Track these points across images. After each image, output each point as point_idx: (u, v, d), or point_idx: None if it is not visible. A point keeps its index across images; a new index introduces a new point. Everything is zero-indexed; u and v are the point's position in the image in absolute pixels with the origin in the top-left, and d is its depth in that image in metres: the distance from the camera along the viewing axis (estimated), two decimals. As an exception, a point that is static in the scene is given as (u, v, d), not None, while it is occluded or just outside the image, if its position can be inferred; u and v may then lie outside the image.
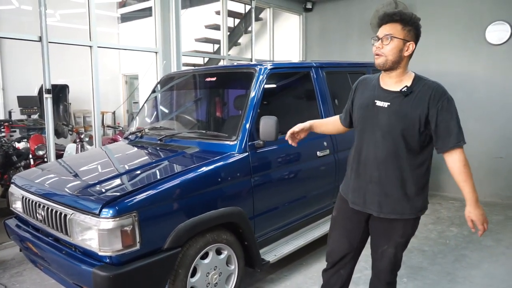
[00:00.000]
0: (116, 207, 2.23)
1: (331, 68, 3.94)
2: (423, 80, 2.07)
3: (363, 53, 6.58)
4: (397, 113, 2.03)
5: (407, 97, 2.03)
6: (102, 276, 2.17)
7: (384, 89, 2.12)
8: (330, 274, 2.46)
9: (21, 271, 3.59)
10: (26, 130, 6.64)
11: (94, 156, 3.55)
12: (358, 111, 2.22)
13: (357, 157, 2.21)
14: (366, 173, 2.15)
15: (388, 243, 2.18)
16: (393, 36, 2.01)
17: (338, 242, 2.37)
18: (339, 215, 2.38)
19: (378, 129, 2.09)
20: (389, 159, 2.07)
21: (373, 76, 2.27)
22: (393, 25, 2.03)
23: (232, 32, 7.93)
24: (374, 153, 2.11)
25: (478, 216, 2.01)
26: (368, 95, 2.18)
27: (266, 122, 2.85)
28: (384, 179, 2.10)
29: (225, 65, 5.90)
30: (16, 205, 3.01)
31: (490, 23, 5.37)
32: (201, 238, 2.63)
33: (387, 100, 2.08)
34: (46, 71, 4.12)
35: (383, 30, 2.06)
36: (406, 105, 2.02)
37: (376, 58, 2.08)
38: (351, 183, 2.25)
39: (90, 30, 4.58)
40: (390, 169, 2.08)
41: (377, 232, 2.22)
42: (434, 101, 1.99)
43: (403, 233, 2.15)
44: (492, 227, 4.52)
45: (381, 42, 2.05)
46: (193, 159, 2.93)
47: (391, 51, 2.02)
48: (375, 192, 2.13)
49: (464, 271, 3.48)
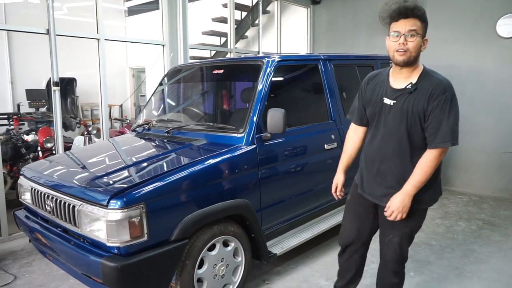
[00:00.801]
0: (124, 198, 2.24)
1: (339, 61, 3.91)
2: (429, 76, 2.06)
3: (372, 46, 6.52)
4: (401, 111, 2.07)
5: (411, 94, 2.05)
6: (110, 266, 2.19)
7: (391, 87, 2.14)
8: (345, 258, 2.53)
9: (31, 261, 3.63)
10: (35, 123, 6.70)
11: (101, 148, 3.57)
12: (369, 107, 2.26)
13: (368, 151, 2.28)
14: (373, 166, 2.23)
15: (394, 232, 2.23)
16: (418, 32, 1.99)
17: (350, 225, 2.46)
18: (352, 199, 2.47)
19: (383, 126, 2.15)
20: (394, 155, 2.13)
21: (381, 71, 2.28)
22: (415, 21, 2.00)
23: (239, 25, 7.89)
24: (381, 148, 2.18)
25: (398, 204, 2.05)
26: (377, 91, 2.20)
27: (273, 114, 2.84)
28: (389, 173, 2.16)
29: (232, 58, 5.88)
30: (25, 197, 3.03)
31: (501, 16, 5.29)
32: (208, 230, 2.63)
33: (393, 98, 2.11)
34: (53, 64, 4.14)
35: (405, 25, 1.99)
36: (409, 103, 2.05)
37: (400, 54, 2.01)
38: (363, 175, 2.34)
39: (98, 23, 4.59)
40: (395, 164, 2.14)
41: (385, 221, 2.24)
42: (432, 98, 1.99)
43: (407, 224, 2.18)
44: (500, 222, 4.48)
45: (404, 38, 1.99)
46: (200, 151, 2.93)
47: (415, 47, 2.00)
48: (381, 184, 2.21)
49: (472, 265, 3.46)
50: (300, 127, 3.36)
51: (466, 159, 5.68)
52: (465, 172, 5.64)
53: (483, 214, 4.77)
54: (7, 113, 6.89)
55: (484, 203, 5.21)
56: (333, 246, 3.87)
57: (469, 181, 5.64)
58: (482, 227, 4.35)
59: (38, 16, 4.79)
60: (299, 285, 3.17)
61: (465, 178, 5.56)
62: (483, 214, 4.77)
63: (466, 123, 5.60)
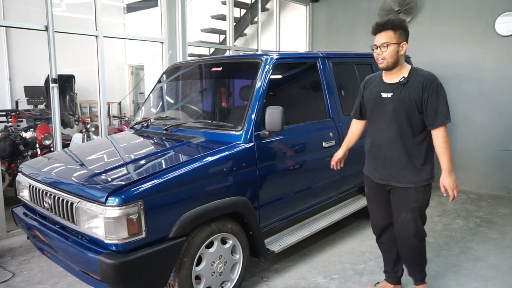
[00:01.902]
0: (122, 195, 2.25)
1: (337, 59, 3.91)
2: (418, 71, 2.51)
3: (370, 44, 6.47)
4: (399, 100, 2.48)
5: (405, 86, 2.47)
6: (108, 263, 2.19)
7: (386, 82, 2.57)
8: (385, 242, 2.86)
9: (29, 258, 3.64)
10: (33, 120, 6.69)
11: (100, 145, 3.57)
12: (367, 104, 2.67)
13: (371, 142, 2.67)
14: (380, 153, 2.61)
15: (405, 210, 2.58)
16: (388, 43, 2.44)
17: (378, 212, 2.80)
18: (371, 190, 2.82)
19: (385, 116, 2.54)
20: (397, 139, 2.51)
21: (375, 74, 2.73)
22: (387, 33, 2.46)
23: (238, 22, 7.87)
24: (385, 136, 2.56)
25: (450, 183, 2.45)
26: (374, 89, 2.62)
27: (272, 112, 2.84)
28: (396, 156, 2.54)
29: (231, 55, 5.87)
30: (23, 194, 3.03)
31: (500, 14, 5.29)
32: (206, 227, 2.64)
33: (390, 91, 2.53)
34: (52, 61, 4.13)
35: (379, 38, 2.48)
36: (405, 92, 2.47)
37: (379, 63, 2.50)
38: (372, 163, 2.71)
39: (96, 20, 4.57)
40: (398, 147, 2.52)
41: (396, 201, 2.64)
42: (426, 86, 2.42)
43: (416, 199, 2.55)
44: (498, 220, 4.50)
45: (380, 49, 2.46)
46: (198, 149, 2.93)
47: (389, 54, 2.45)
48: (390, 167, 2.58)
49: (469, 263, 3.48)
50: (299, 125, 3.37)
51: (464, 157, 5.69)
52: (463, 170, 5.65)
53: (480, 212, 4.78)
54: (5, 110, 6.88)
55: (482, 201, 5.22)
56: (331, 243, 3.88)
57: (467, 179, 5.65)
58: (479, 225, 4.36)
59: (36, 12, 4.78)
60: (297, 283, 3.18)
61: (463, 176, 5.56)
62: (480, 212, 4.78)
63: (465, 121, 5.62)
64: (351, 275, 3.29)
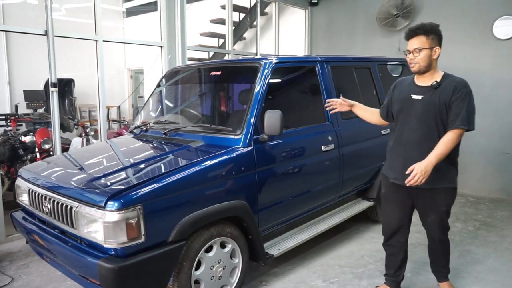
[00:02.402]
0: (121, 200, 2.25)
1: (336, 63, 3.93)
2: (451, 76, 2.58)
3: (369, 47, 6.55)
4: (429, 102, 2.53)
5: (436, 89, 2.53)
6: (107, 268, 2.19)
7: (418, 85, 2.62)
8: (392, 245, 2.89)
9: (28, 263, 3.63)
10: (32, 124, 6.69)
11: (99, 149, 3.58)
12: (396, 105, 2.72)
13: (398, 140, 2.70)
14: (407, 153, 2.62)
15: (433, 211, 2.68)
16: (421, 48, 2.50)
17: (393, 213, 2.82)
18: (387, 190, 2.84)
19: (414, 117, 2.59)
20: (424, 140, 2.55)
21: (408, 77, 2.77)
22: (419, 38, 2.50)
23: (237, 26, 7.91)
24: (412, 137, 2.60)
25: (421, 168, 2.38)
26: (405, 91, 2.68)
27: (270, 116, 2.85)
28: (419, 157, 2.50)
29: (230, 59, 5.89)
30: (22, 198, 3.03)
31: (497, 18, 5.32)
32: (205, 231, 2.64)
33: (421, 93, 2.58)
34: (51, 65, 4.14)
35: (411, 44, 2.53)
36: (435, 96, 2.52)
37: (412, 66, 2.56)
38: (390, 163, 2.76)
39: (96, 24, 4.59)
40: (425, 148, 2.51)
41: (422, 203, 2.71)
42: (455, 91, 2.49)
43: (445, 202, 2.66)
44: (497, 223, 4.50)
45: (412, 54, 2.52)
46: (197, 153, 2.93)
47: (422, 59, 2.51)
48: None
49: (468, 266, 3.48)
50: (297, 128, 3.37)
51: (463, 160, 5.63)
52: (462, 173, 5.61)
53: (479, 215, 4.79)
54: (4, 114, 6.88)
55: (481, 204, 5.23)
56: (330, 247, 3.88)
57: (466, 182, 5.65)
58: (478, 228, 4.37)
59: (36, 17, 4.80)
60: (296, 286, 3.18)
61: (462, 179, 5.52)
62: (479, 215, 4.79)
63: (463, 125, 5.62)
64: (350, 278, 3.29)
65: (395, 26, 6.15)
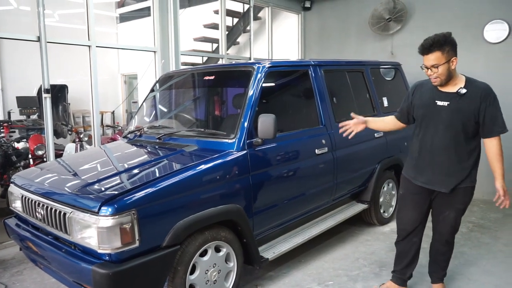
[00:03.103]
0: (115, 205, 2.25)
1: (329, 67, 3.95)
2: (474, 82, 2.59)
3: (362, 51, 6.59)
4: (457, 110, 2.54)
5: (462, 96, 2.53)
6: (101, 273, 2.18)
7: (442, 91, 2.61)
8: (404, 243, 2.96)
9: (21, 270, 3.61)
10: (26, 130, 6.65)
11: (93, 155, 3.57)
12: (418, 110, 2.72)
13: (423, 146, 2.71)
14: (432, 158, 2.67)
15: (449, 209, 2.73)
16: (438, 64, 2.47)
17: (410, 214, 2.86)
18: (407, 192, 2.88)
19: (440, 123, 2.60)
20: (451, 145, 2.59)
21: (427, 80, 2.71)
22: (434, 55, 2.47)
23: (231, 31, 7.93)
24: (438, 142, 2.62)
25: (505, 187, 2.59)
26: (427, 96, 2.67)
27: (264, 120, 2.86)
28: (447, 161, 2.62)
29: (223, 64, 5.90)
30: (15, 205, 3.02)
31: (488, 21, 5.38)
32: (200, 235, 2.64)
33: (447, 100, 2.58)
34: (44, 71, 4.14)
35: (428, 60, 2.51)
36: (463, 103, 2.53)
37: (434, 81, 2.57)
38: (417, 167, 2.77)
39: (89, 30, 4.59)
40: (452, 153, 2.60)
41: (441, 202, 2.75)
42: (483, 98, 2.51)
43: (463, 201, 2.71)
44: (490, 225, 4.54)
45: (431, 70, 2.52)
46: (191, 157, 2.94)
47: (442, 73, 2.51)
48: (440, 172, 2.66)
49: (462, 268, 3.50)
50: (291, 132, 3.39)
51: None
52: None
53: (473, 217, 4.82)
54: (-3, 121, 6.84)
55: (474, 206, 5.26)
56: (325, 250, 3.89)
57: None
58: (472, 230, 4.40)
59: (29, 23, 4.79)
60: (291, 290, 3.18)
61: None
62: (473, 217, 4.82)
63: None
64: (345, 281, 3.30)
65: (387, 30, 6.20)
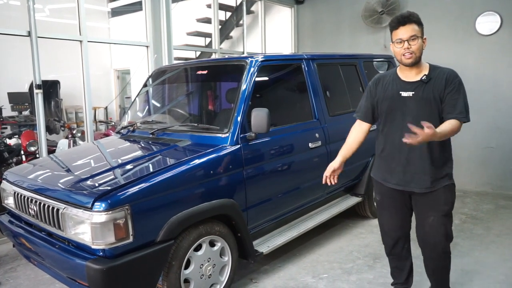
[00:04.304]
0: (108, 200, 2.24)
1: (322, 60, 3.95)
2: (438, 68, 2.40)
3: (355, 45, 6.59)
4: (422, 99, 2.34)
5: (427, 84, 2.34)
6: (95, 269, 2.18)
7: (405, 81, 2.41)
8: (397, 255, 2.71)
9: (15, 266, 3.59)
10: (18, 126, 6.61)
11: (86, 150, 3.55)
12: (383, 103, 2.48)
13: (391, 143, 2.46)
14: (402, 156, 2.42)
15: (434, 213, 2.43)
16: (417, 35, 2.28)
17: (392, 222, 2.63)
18: (383, 197, 2.63)
19: (407, 115, 2.36)
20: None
21: (387, 72, 2.56)
22: (412, 26, 2.28)
23: (224, 25, 7.89)
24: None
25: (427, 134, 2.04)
26: (390, 88, 2.45)
27: (257, 114, 2.86)
28: (418, 157, 2.38)
29: (216, 58, 5.88)
30: (8, 201, 3.00)
31: (480, 13, 5.39)
32: (194, 230, 2.64)
33: (411, 89, 2.38)
34: (36, 67, 4.10)
35: (404, 32, 2.28)
36: (428, 91, 2.34)
37: (407, 58, 2.31)
38: (386, 167, 2.53)
39: (80, 25, 4.55)
40: (422, 148, 2.34)
41: (422, 206, 2.48)
42: (448, 82, 2.32)
43: (445, 200, 2.44)
44: (482, 216, 4.58)
45: (408, 43, 2.28)
46: (185, 152, 2.93)
47: (418, 49, 2.30)
48: (412, 170, 2.41)
49: (455, 259, 3.51)
50: (285, 126, 3.39)
51: (449, 155, 5.77)
52: (448, 168, 5.74)
53: (466, 209, 4.86)
54: (-11, 117, 6.79)
55: (467, 197, 5.31)
56: (320, 243, 3.91)
57: (452, 177, 5.74)
58: (465, 221, 4.44)
59: (19, 18, 4.74)
60: (286, 283, 3.20)
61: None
62: (466, 209, 4.86)
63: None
64: (339, 274, 3.32)
65: (380, 23, 6.20)
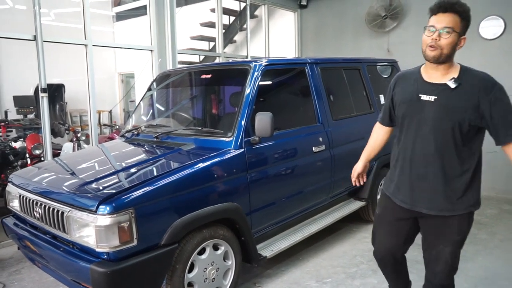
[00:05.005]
0: (113, 203, 2.25)
1: (326, 64, 3.96)
2: (471, 71, 1.99)
3: (358, 49, 6.60)
4: (446, 107, 1.94)
5: (455, 89, 1.93)
6: (99, 272, 2.19)
7: (428, 82, 2.02)
8: (390, 268, 2.43)
9: (20, 269, 3.61)
10: (23, 129, 6.65)
11: (90, 154, 3.57)
12: (400, 107, 2.13)
13: (403, 154, 2.12)
14: (413, 170, 2.07)
15: (444, 242, 2.09)
16: (453, 29, 1.88)
17: (385, 240, 2.33)
18: (384, 213, 2.33)
19: (424, 123, 2.00)
20: (438, 154, 1.99)
21: (412, 70, 2.18)
22: (453, 17, 1.88)
23: (228, 29, 7.93)
24: (421, 149, 2.03)
25: None
26: (410, 89, 2.07)
27: (261, 118, 2.87)
28: (433, 175, 2.01)
29: (220, 62, 5.90)
30: (13, 204, 3.02)
31: (484, 18, 5.39)
32: (198, 233, 2.65)
33: (434, 93, 1.98)
34: (41, 70, 4.13)
35: (442, 21, 1.89)
36: (455, 98, 1.93)
37: (430, 49, 1.92)
38: (396, 181, 2.17)
39: (85, 29, 4.59)
40: (438, 165, 1.99)
41: (430, 231, 2.14)
42: (485, 92, 1.89)
43: (459, 231, 2.06)
44: (486, 221, 4.56)
45: (438, 34, 1.89)
46: (189, 156, 2.94)
47: (448, 45, 1.90)
48: (423, 189, 2.05)
49: (460, 264, 3.48)
50: (288, 130, 3.39)
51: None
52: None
53: (470, 213, 4.84)
54: (-6, 120, 6.83)
55: (471, 202, 5.28)
56: (323, 248, 3.90)
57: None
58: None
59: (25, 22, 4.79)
60: (289, 287, 3.19)
61: None
62: (470, 213, 4.84)
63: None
64: (343, 278, 3.31)
65: (383, 28, 6.22)
